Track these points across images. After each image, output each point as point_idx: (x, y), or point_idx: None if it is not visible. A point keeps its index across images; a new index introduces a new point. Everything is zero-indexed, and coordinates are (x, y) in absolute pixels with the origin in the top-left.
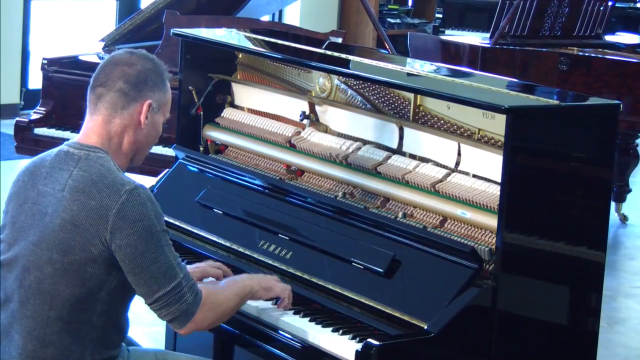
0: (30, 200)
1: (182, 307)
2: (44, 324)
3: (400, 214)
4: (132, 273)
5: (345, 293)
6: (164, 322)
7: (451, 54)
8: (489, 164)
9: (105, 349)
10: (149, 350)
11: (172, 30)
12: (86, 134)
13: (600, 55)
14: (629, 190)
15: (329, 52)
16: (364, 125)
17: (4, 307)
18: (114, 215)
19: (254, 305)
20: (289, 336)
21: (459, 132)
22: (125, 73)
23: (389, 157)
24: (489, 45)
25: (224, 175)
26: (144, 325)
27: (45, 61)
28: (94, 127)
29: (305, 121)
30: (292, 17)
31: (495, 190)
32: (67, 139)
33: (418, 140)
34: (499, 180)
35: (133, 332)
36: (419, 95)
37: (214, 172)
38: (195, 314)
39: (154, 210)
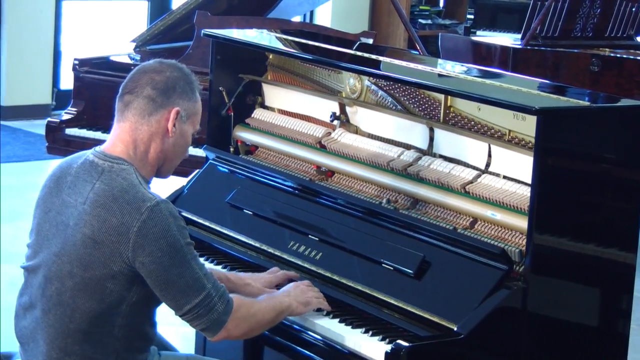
0: (54, 209)
1: (213, 316)
2: (65, 334)
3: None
4: (159, 288)
5: (375, 294)
6: None
7: (482, 55)
8: (519, 165)
9: (130, 356)
10: (180, 356)
11: (203, 31)
12: (112, 142)
13: (632, 57)
14: None
15: (359, 53)
16: (394, 126)
17: (30, 311)
18: (135, 234)
19: None
20: (319, 337)
21: (489, 133)
22: (153, 80)
23: (419, 159)
24: (520, 46)
25: (254, 176)
26: (174, 325)
27: (76, 62)
28: (120, 134)
29: (335, 122)
30: (323, 17)
31: (526, 191)
32: (98, 140)
33: (448, 141)
34: (530, 182)
35: (164, 333)
36: (449, 97)
37: (244, 173)
38: (226, 322)
39: (177, 224)
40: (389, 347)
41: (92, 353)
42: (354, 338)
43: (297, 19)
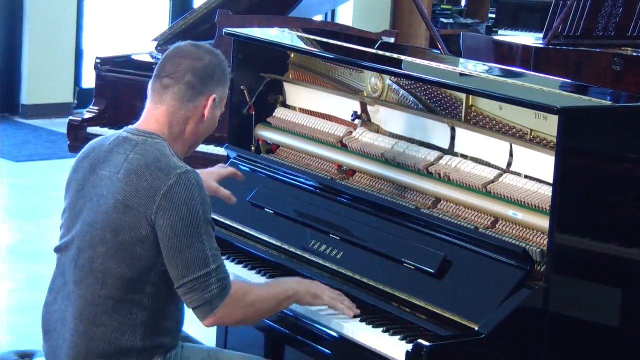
0: (89, 185)
1: (206, 296)
2: (95, 303)
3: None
4: (167, 255)
5: (396, 294)
6: None
7: (504, 54)
8: (541, 165)
9: (156, 336)
10: (201, 348)
11: (224, 30)
12: (146, 120)
13: None
14: None
15: (381, 52)
16: (415, 126)
17: (62, 292)
18: (161, 196)
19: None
20: (339, 336)
21: (511, 132)
22: (194, 67)
23: (440, 158)
24: (542, 46)
25: (275, 175)
26: (197, 324)
27: (98, 60)
28: (156, 115)
29: (357, 121)
30: (345, 17)
31: (548, 191)
32: None
33: (470, 140)
34: (551, 182)
35: (187, 331)
36: (471, 96)
37: (265, 172)
38: (218, 307)
39: (201, 197)
40: (409, 347)
41: (120, 325)
42: (374, 337)
43: (318, 18)
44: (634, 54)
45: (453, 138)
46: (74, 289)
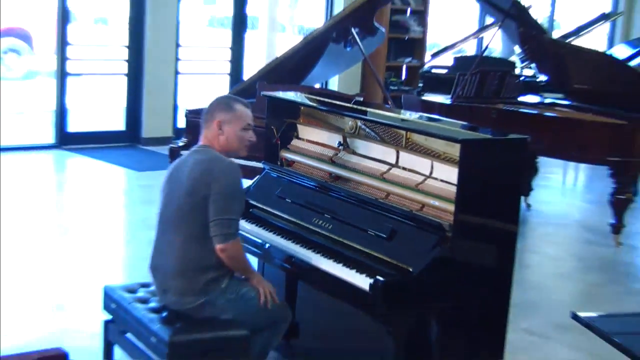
0: (173, 178)
1: (224, 230)
2: (188, 241)
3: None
4: (213, 199)
5: (364, 249)
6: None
7: (428, 107)
8: (450, 173)
9: (222, 263)
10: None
11: (261, 93)
12: (202, 139)
13: (514, 109)
14: (532, 189)
15: (355, 106)
16: (375, 150)
17: (163, 238)
18: (216, 172)
19: (304, 254)
20: (328, 274)
21: (432, 153)
22: (209, 109)
23: (390, 169)
24: (450, 103)
25: (292, 179)
26: None
27: (186, 111)
28: (205, 135)
29: (341, 147)
30: (333, 85)
31: (454, 189)
32: None
33: (408, 159)
34: (456, 183)
35: None
36: (408, 132)
37: (286, 177)
38: (231, 240)
39: (239, 177)
40: (371, 280)
41: (206, 252)
42: (350, 274)
43: (317, 86)
44: (504, 108)
45: (397, 157)
46: (174, 232)
